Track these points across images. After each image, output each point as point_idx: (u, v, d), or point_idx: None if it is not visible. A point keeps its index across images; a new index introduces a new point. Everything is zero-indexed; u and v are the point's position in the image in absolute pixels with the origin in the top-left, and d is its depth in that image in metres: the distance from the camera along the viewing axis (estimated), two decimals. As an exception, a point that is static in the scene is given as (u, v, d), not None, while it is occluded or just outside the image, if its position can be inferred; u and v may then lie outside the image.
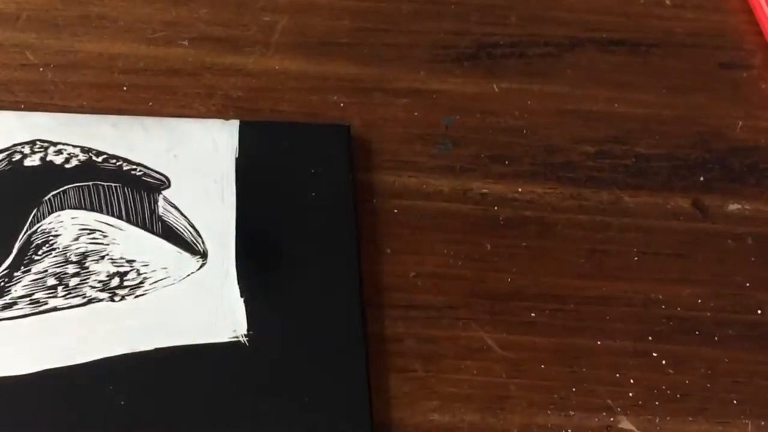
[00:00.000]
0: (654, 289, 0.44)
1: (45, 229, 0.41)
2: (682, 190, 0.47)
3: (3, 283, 0.40)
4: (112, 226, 0.42)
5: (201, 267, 0.41)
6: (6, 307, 0.40)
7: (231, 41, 0.49)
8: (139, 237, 0.42)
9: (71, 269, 0.41)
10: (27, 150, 0.43)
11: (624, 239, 0.45)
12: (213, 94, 0.47)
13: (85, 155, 0.43)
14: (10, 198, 0.42)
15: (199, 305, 0.40)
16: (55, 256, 0.41)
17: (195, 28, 0.49)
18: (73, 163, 0.43)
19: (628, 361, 0.42)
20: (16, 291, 0.40)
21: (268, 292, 0.41)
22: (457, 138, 0.47)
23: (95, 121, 0.44)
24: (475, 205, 0.46)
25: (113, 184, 0.42)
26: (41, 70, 0.47)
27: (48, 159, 0.43)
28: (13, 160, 0.42)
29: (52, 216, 0.41)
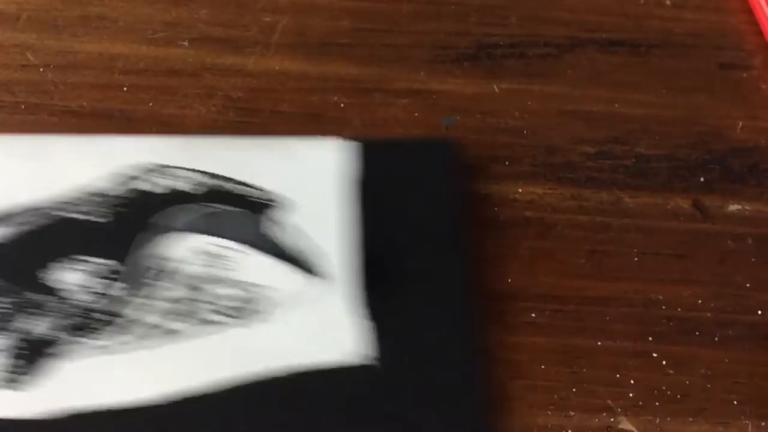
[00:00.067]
0: (654, 290, 0.44)
1: (164, 254, 0.41)
2: (682, 190, 0.47)
3: (125, 310, 0.40)
4: (235, 250, 0.41)
5: (325, 290, 0.41)
6: (130, 333, 0.39)
7: (231, 41, 0.49)
8: (262, 261, 0.41)
9: (195, 294, 0.40)
10: (144, 175, 0.42)
11: (624, 240, 0.45)
12: (213, 95, 0.47)
13: (204, 179, 0.42)
14: (129, 222, 0.41)
15: (324, 328, 0.40)
16: (175, 281, 0.40)
17: (195, 28, 0.49)
18: (191, 187, 0.42)
19: (628, 362, 0.42)
20: (139, 317, 0.40)
21: (391, 313, 0.41)
22: (457, 138, 0.47)
23: (211, 144, 0.44)
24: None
25: (231, 208, 0.42)
26: (41, 70, 0.47)
27: (167, 183, 0.42)
28: (131, 185, 0.42)
29: (171, 240, 0.41)
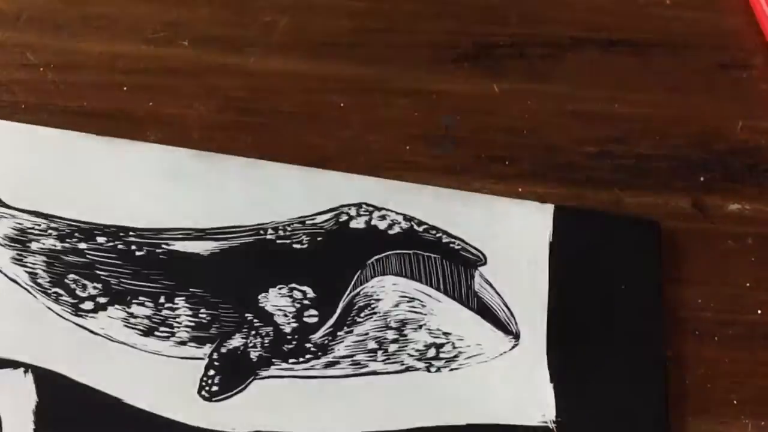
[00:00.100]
0: (654, 290, 0.44)
1: (367, 292, 0.42)
2: (682, 190, 0.47)
3: (327, 341, 0.41)
4: (431, 296, 0.42)
5: (513, 347, 0.41)
6: (329, 365, 0.40)
7: (231, 41, 0.49)
8: (455, 310, 0.42)
9: (391, 335, 0.41)
10: (353, 212, 0.43)
11: (624, 239, 0.45)
12: (213, 94, 0.47)
13: (407, 223, 0.43)
14: (336, 258, 0.42)
15: (508, 385, 0.41)
16: (376, 320, 0.41)
17: (195, 28, 0.49)
18: (395, 229, 0.43)
19: (628, 362, 0.42)
20: (339, 350, 0.41)
21: (577, 378, 0.41)
22: (458, 138, 0.47)
23: (417, 190, 0.45)
24: (476, 205, 0.46)
25: (433, 255, 0.43)
26: (41, 70, 0.47)
27: (372, 223, 0.43)
28: (341, 220, 0.43)
29: (374, 280, 0.42)
